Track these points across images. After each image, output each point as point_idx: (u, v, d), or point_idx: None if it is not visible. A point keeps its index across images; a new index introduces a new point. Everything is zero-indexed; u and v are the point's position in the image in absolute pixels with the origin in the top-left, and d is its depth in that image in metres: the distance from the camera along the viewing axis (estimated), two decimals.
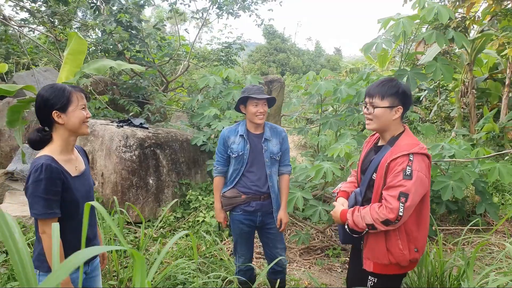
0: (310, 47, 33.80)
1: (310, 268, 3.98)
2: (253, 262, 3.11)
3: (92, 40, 7.66)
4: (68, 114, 1.76)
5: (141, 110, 6.29)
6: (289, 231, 4.64)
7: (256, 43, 29.28)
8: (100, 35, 7.30)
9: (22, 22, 7.45)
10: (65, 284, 1.68)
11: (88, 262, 1.97)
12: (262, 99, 2.75)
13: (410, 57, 4.90)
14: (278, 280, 2.79)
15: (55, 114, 1.74)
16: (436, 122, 11.27)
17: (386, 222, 1.94)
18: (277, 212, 2.88)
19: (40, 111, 1.76)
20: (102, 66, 4.71)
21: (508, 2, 6.76)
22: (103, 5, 7.17)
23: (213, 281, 3.10)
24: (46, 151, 1.76)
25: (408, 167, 1.92)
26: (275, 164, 2.86)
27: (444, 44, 3.70)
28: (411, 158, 1.94)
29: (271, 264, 1.82)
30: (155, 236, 4.22)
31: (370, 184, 2.14)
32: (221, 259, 3.64)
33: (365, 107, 2.13)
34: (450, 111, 10.82)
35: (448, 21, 3.69)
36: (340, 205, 2.24)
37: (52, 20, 6.77)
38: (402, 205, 1.90)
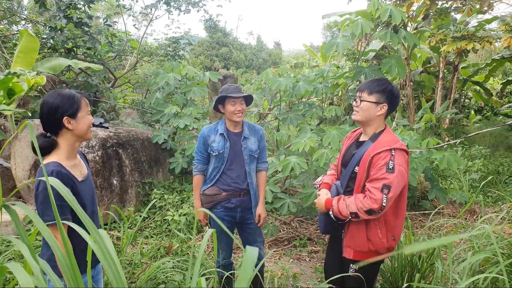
0: (252, 41, 34.06)
1: (280, 259, 4.14)
2: None
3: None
4: (78, 120, 1.77)
5: (94, 109, 6.05)
6: None
7: (197, 37, 28.89)
8: (44, 31, 6.88)
9: None
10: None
11: (94, 266, 1.96)
12: (240, 97, 2.83)
13: (365, 54, 5.20)
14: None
15: (66, 120, 1.73)
16: None
17: (369, 212, 2.09)
18: (255, 208, 2.99)
19: (49, 118, 1.74)
20: (58, 65, 4.49)
21: (442, 2, 7.35)
22: None
23: (191, 277, 3.13)
24: (53, 158, 1.75)
25: (390, 161, 2.09)
26: (253, 162, 2.96)
27: (398, 43, 3.99)
28: (393, 153, 2.11)
29: (260, 263, 1.93)
30: (123, 236, 4.14)
31: (352, 176, 2.30)
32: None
33: (355, 100, 2.31)
34: None
35: (389, 19, 3.97)
36: (325, 194, 2.39)
37: None
38: (385, 196, 2.05)
